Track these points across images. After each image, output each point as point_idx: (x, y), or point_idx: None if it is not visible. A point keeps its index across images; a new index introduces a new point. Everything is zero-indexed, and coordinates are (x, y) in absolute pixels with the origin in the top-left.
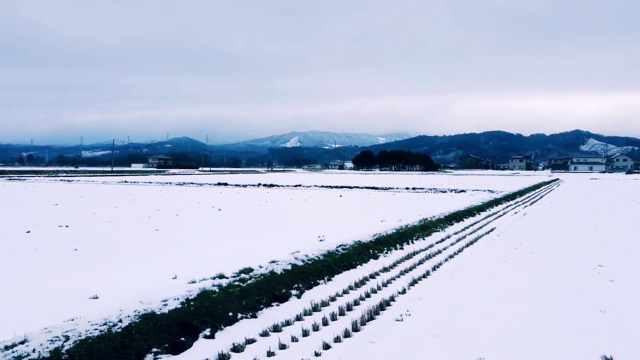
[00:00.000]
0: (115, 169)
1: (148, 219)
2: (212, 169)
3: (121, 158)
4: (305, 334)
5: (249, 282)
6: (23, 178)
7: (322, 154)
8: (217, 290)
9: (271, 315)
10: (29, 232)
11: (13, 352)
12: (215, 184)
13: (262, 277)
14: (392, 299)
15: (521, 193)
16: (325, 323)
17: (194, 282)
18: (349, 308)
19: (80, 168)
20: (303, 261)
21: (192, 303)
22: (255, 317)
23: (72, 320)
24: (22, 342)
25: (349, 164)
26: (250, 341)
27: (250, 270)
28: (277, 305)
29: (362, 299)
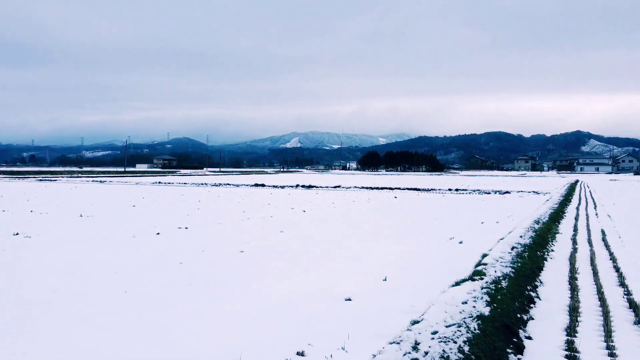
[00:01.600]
0: (121, 169)
1: (257, 219)
2: (221, 169)
3: (123, 158)
4: None
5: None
6: (53, 179)
7: (323, 155)
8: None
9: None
10: (158, 233)
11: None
12: (252, 185)
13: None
14: None
15: (567, 195)
16: None
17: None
18: None
19: (84, 168)
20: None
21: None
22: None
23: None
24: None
25: (352, 165)
26: None
27: (481, 275)
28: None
29: None
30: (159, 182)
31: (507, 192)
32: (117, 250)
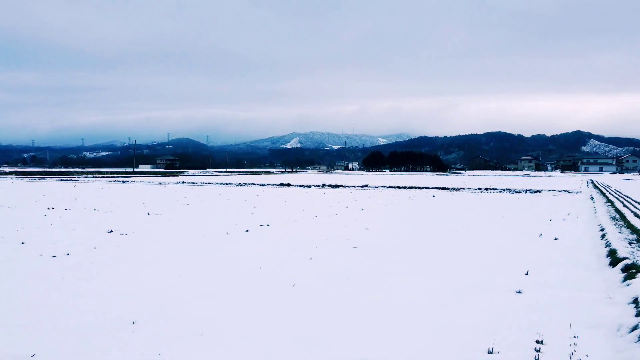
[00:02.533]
0: (127, 169)
1: (335, 217)
2: (227, 169)
3: (125, 159)
4: None
5: None
6: (73, 179)
7: (324, 155)
8: None
9: None
10: (247, 230)
11: None
12: (278, 185)
13: None
14: None
15: (601, 193)
16: None
17: None
18: None
19: (88, 169)
20: None
21: None
22: None
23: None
24: None
25: (354, 165)
26: None
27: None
28: None
29: None
30: (183, 182)
31: (537, 191)
32: (233, 246)
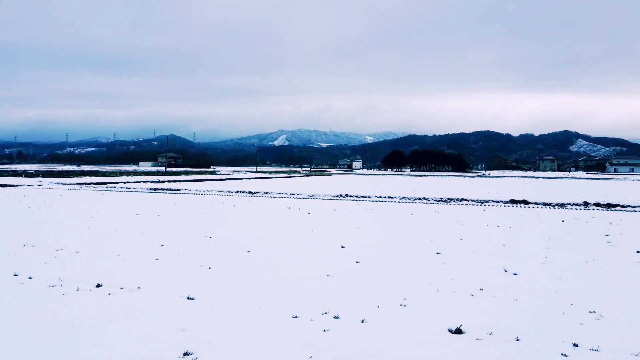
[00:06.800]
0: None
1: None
2: (257, 169)
3: (115, 156)
4: None
5: None
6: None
7: (313, 152)
8: None
9: None
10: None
11: None
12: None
13: None
14: None
15: None
16: None
17: None
18: None
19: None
20: None
21: None
22: None
23: None
24: None
25: (357, 164)
26: None
27: None
28: None
29: None
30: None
31: None
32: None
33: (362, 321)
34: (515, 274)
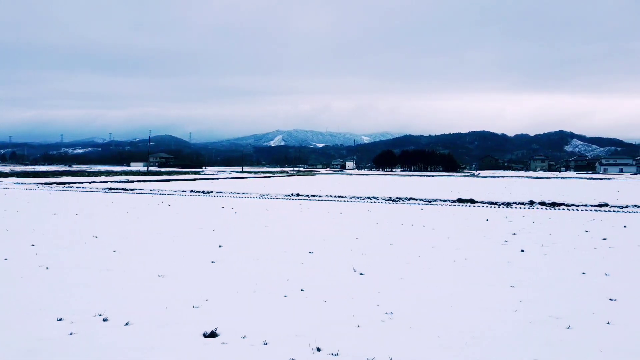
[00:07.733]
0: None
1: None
2: (243, 169)
3: (110, 156)
4: None
5: None
6: (156, 192)
7: (309, 153)
8: None
9: None
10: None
11: None
12: (364, 199)
13: None
14: None
15: None
16: None
17: None
18: None
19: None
20: None
21: None
22: None
23: None
24: None
25: (349, 164)
26: None
27: None
28: None
29: None
30: (262, 196)
31: None
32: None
33: (127, 324)
34: (361, 274)
